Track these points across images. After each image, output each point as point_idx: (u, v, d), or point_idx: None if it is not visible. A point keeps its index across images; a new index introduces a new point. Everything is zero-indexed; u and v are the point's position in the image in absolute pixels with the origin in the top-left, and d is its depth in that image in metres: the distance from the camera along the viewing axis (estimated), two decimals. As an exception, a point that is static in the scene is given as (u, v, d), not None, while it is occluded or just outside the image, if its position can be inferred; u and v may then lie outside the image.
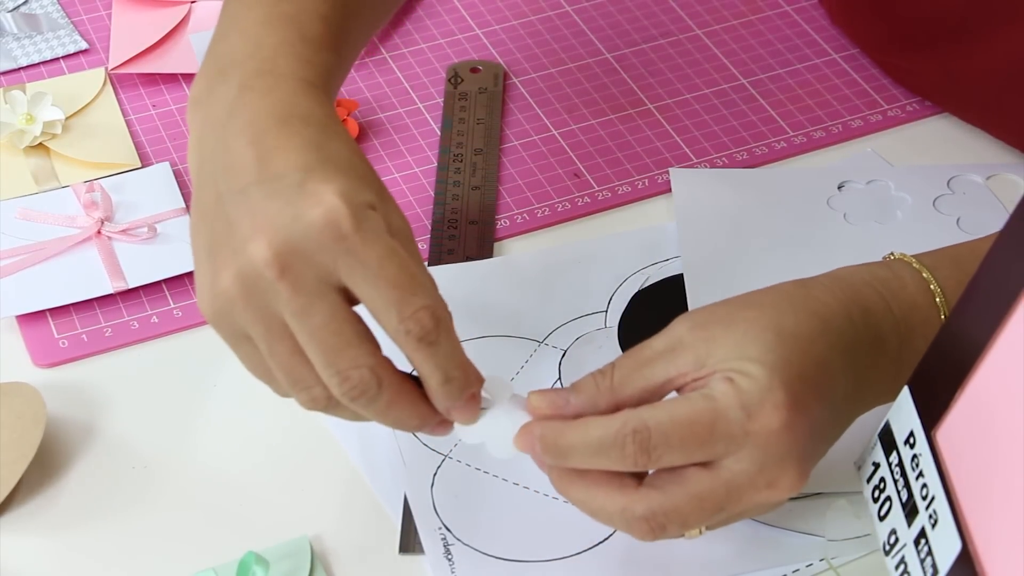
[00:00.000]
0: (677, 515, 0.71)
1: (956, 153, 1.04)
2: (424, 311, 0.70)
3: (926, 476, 0.69)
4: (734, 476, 0.70)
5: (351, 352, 0.70)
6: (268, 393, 0.87)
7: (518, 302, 0.93)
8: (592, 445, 0.71)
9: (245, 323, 0.71)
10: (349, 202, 0.69)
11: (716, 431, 0.70)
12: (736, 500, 0.71)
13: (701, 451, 0.70)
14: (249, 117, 0.72)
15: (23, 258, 0.95)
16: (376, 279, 0.69)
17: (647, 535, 0.72)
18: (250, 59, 0.75)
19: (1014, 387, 0.63)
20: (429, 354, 0.71)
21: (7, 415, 0.84)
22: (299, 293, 0.69)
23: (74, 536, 0.82)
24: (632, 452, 0.70)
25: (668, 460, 0.70)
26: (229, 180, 0.71)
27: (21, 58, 1.10)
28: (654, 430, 0.70)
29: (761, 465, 0.70)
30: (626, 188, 1.01)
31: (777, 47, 1.12)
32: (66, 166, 1.02)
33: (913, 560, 0.69)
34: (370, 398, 0.71)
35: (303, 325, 0.70)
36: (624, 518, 0.72)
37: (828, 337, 0.72)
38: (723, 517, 0.72)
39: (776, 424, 0.70)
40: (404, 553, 0.81)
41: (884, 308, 0.75)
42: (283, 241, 0.69)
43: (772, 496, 0.71)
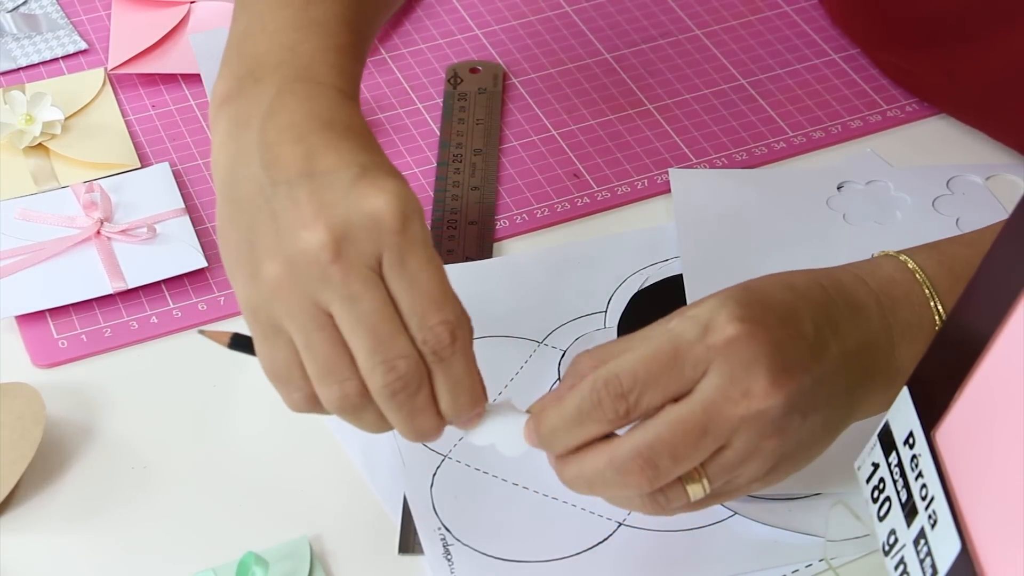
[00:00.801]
0: (663, 445, 0.70)
1: (955, 154, 1.04)
2: (443, 326, 0.70)
3: (925, 476, 0.69)
4: (707, 394, 0.70)
5: (400, 341, 0.70)
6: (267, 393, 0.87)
7: (517, 302, 0.93)
8: (572, 415, 0.72)
9: (283, 313, 0.71)
10: (403, 202, 0.70)
11: (679, 355, 0.71)
12: (717, 418, 0.70)
13: (671, 379, 0.71)
14: (290, 119, 0.73)
15: (22, 258, 0.95)
16: (411, 282, 0.70)
17: (642, 480, 0.71)
18: (285, 64, 0.76)
19: (1014, 387, 0.63)
20: (440, 369, 0.72)
21: (6, 415, 0.84)
22: (351, 277, 0.70)
23: (73, 536, 0.82)
24: (610, 403, 0.71)
25: (646, 400, 0.71)
26: (273, 174, 0.72)
27: (21, 58, 1.10)
28: (623, 375, 0.71)
29: (730, 376, 0.70)
30: (625, 188, 1.01)
31: (776, 47, 1.12)
32: (65, 166, 1.02)
33: (912, 560, 0.69)
34: (410, 394, 0.71)
35: (352, 310, 0.70)
36: (615, 468, 0.71)
37: (794, 292, 0.74)
38: (714, 449, 0.71)
39: (732, 331, 0.70)
40: (403, 553, 0.81)
41: (858, 281, 0.76)
42: (339, 226, 0.70)
43: (752, 405, 0.70)
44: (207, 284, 0.95)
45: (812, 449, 0.75)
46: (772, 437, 0.72)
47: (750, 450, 0.72)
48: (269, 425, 0.87)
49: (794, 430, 0.72)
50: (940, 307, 0.76)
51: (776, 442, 0.72)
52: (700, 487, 0.72)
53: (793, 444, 0.73)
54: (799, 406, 0.72)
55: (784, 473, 0.74)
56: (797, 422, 0.72)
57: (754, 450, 0.72)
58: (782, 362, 0.71)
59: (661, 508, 0.73)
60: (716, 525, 0.81)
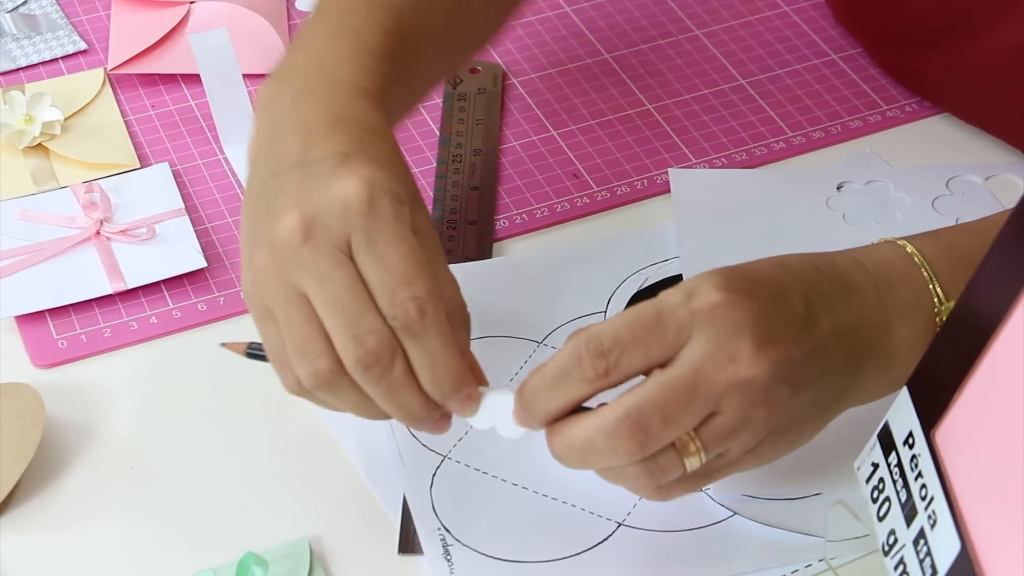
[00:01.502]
0: (652, 406, 0.70)
1: (955, 154, 1.04)
2: (412, 301, 0.72)
3: (925, 477, 0.69)
4: (693, 357, 0.71)
5: (370, 317, 0.72)
6: (267, 394, 0.87)
7: (517, 303, 0.93)
8: (552, 375, 0.72)
9: (271, 297, 0.74)
10: (371, 185, 0.73)
11: (662, 318, 0.71)
12: (705, 382, 0.70)
13: (653, 342, 0.71)
14: (304, 115, 0.76)
15: (22, 259, 0.95)
16: (379, 261, 0.72)
17: (632, 444, 0.70)
18: (312, 66, 0.79)
19: (1013, 388, 0.63)
20: (413, 345, 0.72)
21: (6, 415, 0.84)
22: (321, 258, 0.72)
23: (73, 536, 0.82)
24: (589, 361, 0.71)
25: (626, 361, 0.71)
26: (274, 165, 0.75)
27: (20, 59, 1.10)
28: (604, 335, 0.71)
29: (716, 341, 0.71)
30: (625, 189, 1.01)
31: (776, 48, 1.12)
32: (65, 166, 1.02)
33: (912, 560, 0.69)
34: (383, 367, 0.72)
35: (323, 289, 0.72)
36: (605, 434, 0.71)
37: (786, 270, 0.74)
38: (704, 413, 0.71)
39: (717, 297, 0.71)
40: (403, 554, 0.81)
41: (854, 263, 0.76)
42: (311, 210, 0.72)
43: (740, 370, 0.70)
44: (207, 284, 0.95)
45: (804, 426, 0.75)
46: (761, 406, 0.71)
47: (741, 418, 0.71)
48: (269, 425, 0.87)
49: (784, 402, 0.72)
50: (939, 289, 0.76)
51: (765, 412, 0.72)
52: (697, 458, 0.72)
53: (783, 418, 0.73)
54: (788, 378, 0.72)
55: (775, 450, 0.74)
56: (786, 394, 0.72)
57: (745, 419, 0.72)
58: (768, 331, 0.72)
59: (656, 480, 0.72)
60: (716, 525, 0.81)
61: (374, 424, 0.86)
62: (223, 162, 1.03)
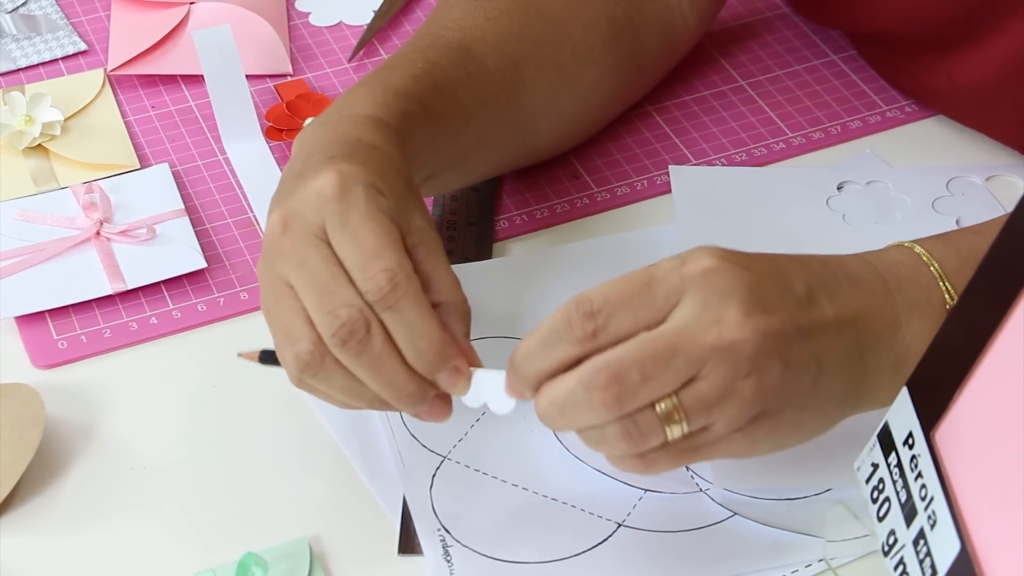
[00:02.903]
0: (630, 360, 0.71)
1: (955, 154, 1.04)
2: (383, 273, 0.74)
3: (925, 477, 0.69)
4: (678, 319, 0.71)
5: (343, 291, 0.74)
6: (267, 394, 0.87)
7: (517, 303, 0.93)
8: (543, 336, 0.73)
9: (265, 295, 0.77)
10: (343, 175, 0.76)
11: (653, 282, 0.72)
12: (688, 342, 0.71)
13: (642, 305, 0.71)
14: (314, 142, 0.80)
15: (22, 259, 0.95)
16: (350, 238, 0.75)
17: (609, 397, 0.71)
18: (335, 106, 0.84)
19: (1013, 388, 0.63)
20: (390, 318, 0.74)
21: (6, 416, 0.84)
22: (296, 245, 0.75)
23: (73, 537, 0.82)
24: (578, 321, 0.72)
25: (615, 322, 0.71)
26: (280, 186, 0.79)
27: (20, 59, 1.10)
28: (594, 297, 0.72)
29: (703, 303, 0.71)
30: (625, 189, 1.01)
31: (775, 48, 1.12)
32: (65, 167, 1.02)
33: (912, 561, 0.69)
34: (360, 342, 0.74)
35: (300, 273, 0.75)
36: (583, 385, 0.71)
37: (790, 258, 0.75)
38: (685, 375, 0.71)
39: (708, 262, 0.72)
40: (403, 554, 0.81)
41: (863, 262, 0.77)
42: (288, 206, 0.76)
43: (724, 333, 0.71)
44: (207, 285, 0.95)
45: (803, 416, 0.74)
46: (748, 377, 0.71)
47: (725, 387, 0.71)
48: (269, 425, 0.87)
49: (774, 378, 0.72)
50: (949, 286, 0.76)
51: (753, 384, 0.71)
52: (679, 427, 0.72)
53: (776, 398, 0.72)
54: (779, 352, 0.72)
55: (769, 436, 0.73)
56: (778, 370, 0.72)
57: (730, 388, 0.71)
58: (759, 300, 0.72)
59: (635, 445, 0.72)
60: (716, 525, 0.81)
61: (374, 424, 0.86)
62: (223, 163, 1.03)
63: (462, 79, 0.89)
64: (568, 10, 0.96)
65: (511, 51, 0.92)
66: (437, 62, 0.88)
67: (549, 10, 0.95)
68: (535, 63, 0.93)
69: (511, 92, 0.92)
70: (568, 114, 0.98)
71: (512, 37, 0.93)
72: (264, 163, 1.03)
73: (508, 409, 0.76)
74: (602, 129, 1.04)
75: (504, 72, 0.92)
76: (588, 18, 0.96)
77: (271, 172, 1.02)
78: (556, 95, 0.95)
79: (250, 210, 1.00)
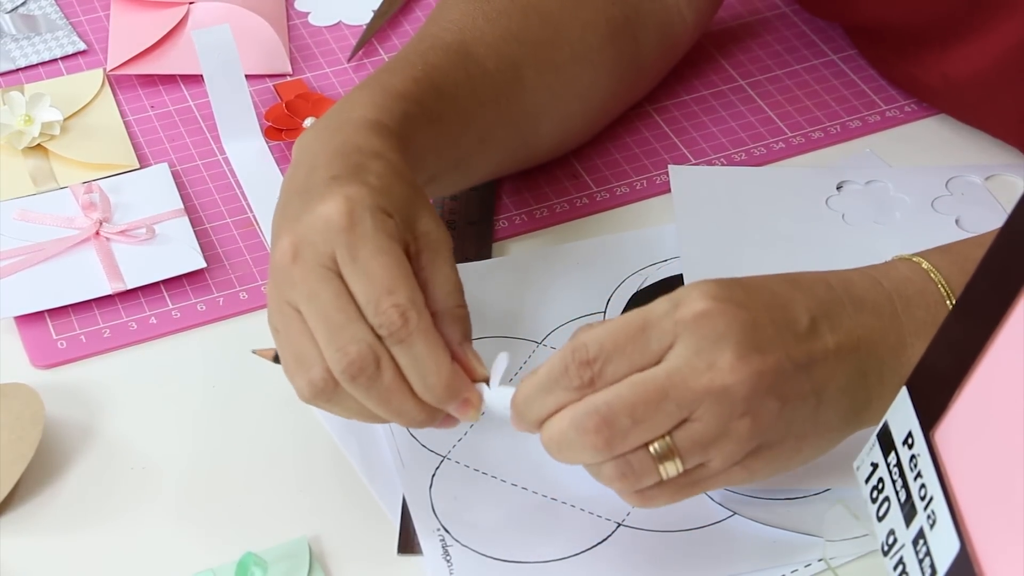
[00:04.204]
0: (620, 403, 0.71)
1: (954, 154, 1.04)
2: (394, 309, 0.74)
3: (924, 477, 0.69)
4: (671, 363, 0.72)
5: (353, 328, 0.74)
6: (267, 394, 0.87)
7: (517, 303, 0.93)
8: (542, 383, 0.73)
9: (274, 315, 0.77)
10: (350, 201, 0.75)
11: (646, 327, 0.72)
12: (680, 386, 0.71)
13: (636, 350, 0.72)
14: (314, 149, 0.80)
15: (22, 259, 0.95)
16: (361, 273, 0.74)
17: (598, 439, 0.71)
18: (335, 110, 0.84)
19: (1012, 388, 0.63)
20: (401, 351, 0.75)
21: (6, 416, 0.84)
22: (307, 276, 0.75)
23: (73, 537, 0.82)
24: (575, 370, 0.72)
25: (611, 370, 0.72)
26: (284, 196, 0.79)
27: (20, 59, 1.10)
28: (590, 344, 0.72)
29: (696, 349, 0.71)
30: (624, 189, 1.01)
31: (775, 48, 1.12)
32: (64, 167, 1.02)
33: (911, 560, 0.69)
34: (369, 377, 0.74)
35: (311, 305, 0.75)
36: (574, 426, 0.72)
37: (794, 285, 0.75)
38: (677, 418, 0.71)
39: (702, 306, 0.72)
40: (402, 554, 0.81)
41: (871, 280, 0.77)
42: (297, 233, 0.76)
43: (716, 379, 0.71)
44: (206, 285, 0.95)
45: (802, 444, 0.74)
46: (743, 418, 0.71)
47: (719, 427, 0.71)
48: (269, 425, 0.87)
49: (770, 416, 0.72)
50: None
51: (748, 424, 0.71)
52: (673, 466, 0.72)
53: (773, 433, 0.72)
54: (775, 390, 0.72)
55: (769, 466, 0.74)
56: (774, 408, 0.72)
57: (724, 429, 0.71)
58: (754, 341, 0.72)
59: (630, 484, 0.73)
60: (715, 525, 0.81)
61: (374, 425, 0.86)
62: (222, 162, 1.03)
63: (462, 81, 0.89)
64: (566, 11, 0.96)
65: (511, 52, 0.92)
66: (437, 64, 0.88)
67: (547, 11, 0.95)
68: (534, 64, 0.93)
69: (511, 93, 0.92)
70: (568, 115, 0.98)
71: (511, 38, 0.93)
72: (263, 163, 1.03)
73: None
74: (601, 130, 1.04)
75: (504, 73, 0.92)
76: (586, 18, 0.96)
77: (271, 172, 1.02)
78: (556, 96, 0.95)
79: (249, 210, 1.00)
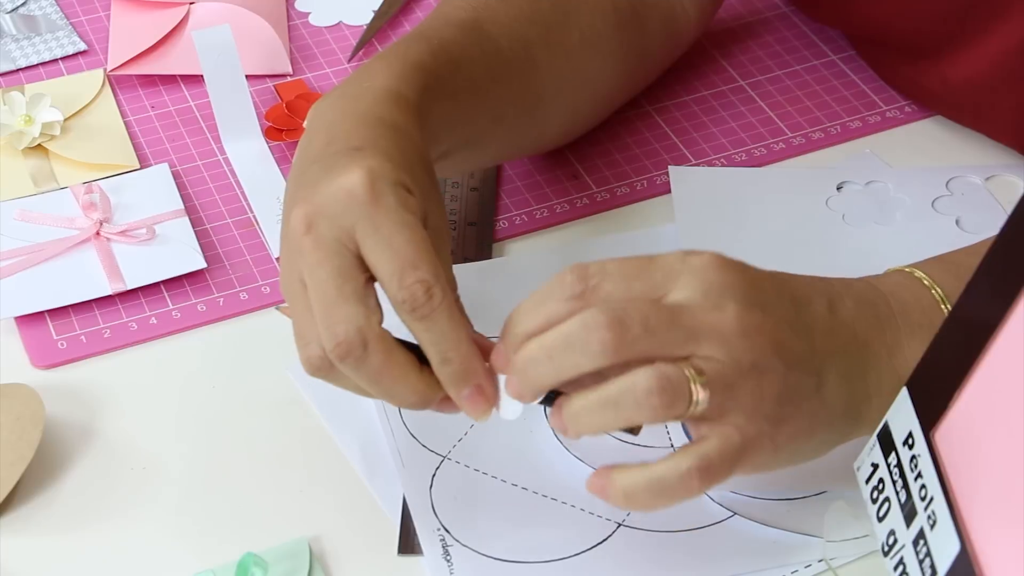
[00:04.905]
0: (634, 309, 0.70)
1: (954, 154, 1.04)
2: (419, 284, 0.73)
3: (924, 477, 0.69)
4: (679, 296, 0.72)
5: (345, 308, 0.73)
6: (267, 394, 0.87)
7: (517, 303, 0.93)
8: (537, 296, 0.73)
9: (283, 285, 0.76)
10: (373, 174, 0.74)
11: (653, 262, 0.73)
12: (689, 318, 0.71)
13: (639, 280, 0.72)
14: (332, 116, 0.79)
15: (22, 259, 0.95)
16: (385, 247, 0.73)
17: (608, 338, 0.70)
18: (353, 78, 0.82)
19: (1013, 388, 0.63)
20: (423, 328, 0.73)
21: (6, 416, 0.84)
22: (317, 248, 0.74)
23: (73, 537, 0.82)
24: (569, 279, 0.72)
25: (607, 287, 0.72)
26: (301, 164, 0.78)
27: (20, 59, 1.10)
28: (592, 265, 0.73)
29: (704, 291, 0.71)
30: (625, 189, 1.01)
31: (775, 48, 1.12)
32: (65, 167, 1.02)
33: (912, 561, 0.69)
34: (356, 359, 0.73)
35: (312, 278, 0.74)
36: (582, 323, 0.71)
37: (795, 276, 0.75)
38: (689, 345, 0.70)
39: (710, 259, 0.72)
40: (403, 554, 0.81)
41: (867, 284, 0.77)
42: (314, 203, 0.74)
43: (724, 321, 0.71)
44: (206, 285, 0.95)
45: (816, 422, 0.74)
46: (751, 371, 0.71)
47: (741, 362, 0.71)
48: (269, 425, 0.87)
49: (776, 376, 0.72)
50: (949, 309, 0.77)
51: (757, 380, 0.71)
52: (704, 391, 0.70)
53: (787, 400, 0.72)
54: (778, 350, 0.72)
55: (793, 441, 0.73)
56: (779, 368, 0.72)
57: (748, 367, 0.71)
58: (758, 299, 0.72)
59: (667, 396, 0.70)
60: (716, 525, 0.81)
61: (374, 425, 0.86)
62: (223, 163, 1.03)
63: (477, 58, 0.88)
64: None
65: (523, 33, 0.92)
66: (453, 39, 0.87)
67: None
68: (546, 46, 0.93)
69: (524, 74, 0.92)
70: (576, 100, 0.98)
71: (524, 19, 0.92)
72: (264, 163, 1.03)
73: (516, 414, 0.75)
74: (602, 127, 1.04)
75: (517, 53, 0.91)
76: (595, 5, 0.96)
77: (271, 172, 1.02)
78: (565, 80, 0.95)
79: (250, 210, 1.00)
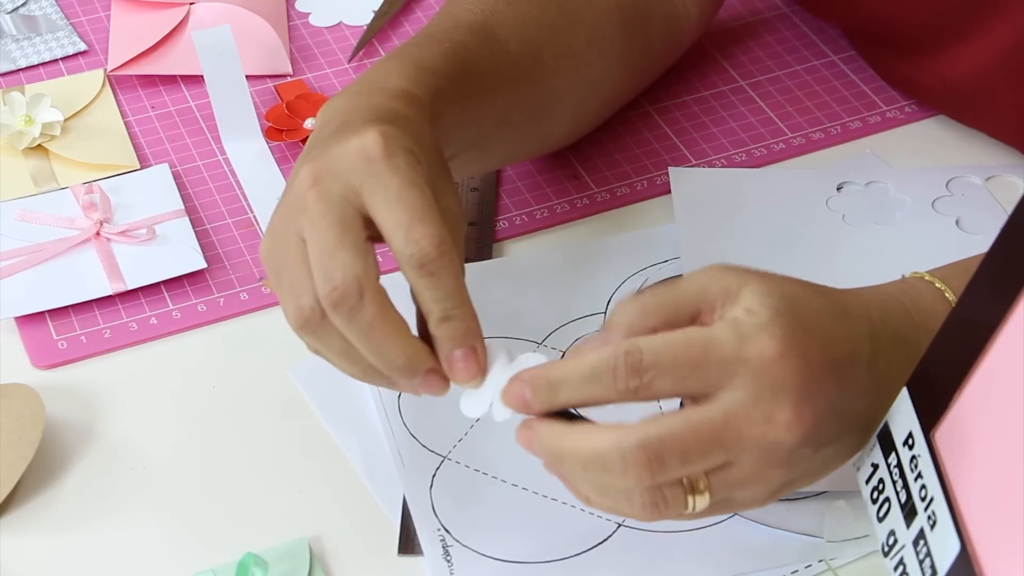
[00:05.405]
0: (674, 442, 0.69)
1: (954, 155, 1.04)
2: (428, 238, 0.72)
3: (925, 477, 0.69)
4: (729, 405, 0.69)
5: (344, 255, 0.73)
6: (267, 394, 0.87)
7: (517, 303, 0.93)
8: (585, 371, 0.70)
9: (277, 248, 0.75)
10: (388, 137, 0.74)
11: (709, 354, 0.69)
12: (735, 433, 0.69)
13: (694, 376, 0.69)
14: (346, 111, 0.79)
15: (22, 259, 0.95)
16: (393, 201, 0.73)
17: (643, 473, 0.69)
18: (366, 78, 0.83)
19: (1013, 388, 0.63)
20: (428, 284, 0.73)
21: (6, 416, 0.84)
22: (320, 201, 0.74)
23: (73, 537, 0.82)
24: (623, 373, 0.69)
25: (660, 386, 0.70)
26: (311, 144, 0.78)
27: (20, 60, 1.10)
28: (646, 351, 0.70)
29: (756, 395, 0.69)
30: (625, 190, 1.01)
31: (775, 49, 1.12)
32: (65, 167, 1.02)
33: (912, 561, 0.69)
34: (351, 308, 0.72)
35: (313, 230, 0.74)
36: (620, 453, 0.69)
37: (841, 323, 0.73)
38: (723, 463, 0.70)
39: (770, 351, 0.69)
40: (403, 554, 0.81)
41: (904, 312, 0.76)
42: (323, 161, 0.75)
43: (770, 432, 0.69)
44: (206, 285, 0.95)
45: (816, 477, 0.74)
46: (780, 467, 0.71)
47: (756, 474, 0.71)
48: (269, 425, 0.87)
49: (803, 462, 0.72)
50: None
51: (782, 472, 0.71)
52: (703, 499, 0.71)
53: (798, 474, 0.73)
54: (813, 440, 0.71)
55: (776, 496, 0.74)
56: (807, 455, 0.72)
57: (760, 476, 0.71)
58: (809, 391, 0.70)
59: (658, 512, 0.71)
60: (716, 526, 0.81)
61: (374, 425, 0.86)
62: (223, 163, 1.03)
63: (486, 60, 0.88)
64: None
65: (531, 36, 0.92)
66: (463, 42, 0.87)
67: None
68: (553, 49, 0.93)
69: (531, 76, 0.92)
70: (581, 101, 0.98)
71: (531, 22, 0.92)
72: (264, 163, 1.03)
73: (505, 417, 0.74)
74: (602, 127, 1.04)
75: (524, 56, 0.91)
76: (600, 7, 0.96)
77: (271, 172, 1.02)
78: (572, 82, 0.95)
79: (250, 210, 1.00)
